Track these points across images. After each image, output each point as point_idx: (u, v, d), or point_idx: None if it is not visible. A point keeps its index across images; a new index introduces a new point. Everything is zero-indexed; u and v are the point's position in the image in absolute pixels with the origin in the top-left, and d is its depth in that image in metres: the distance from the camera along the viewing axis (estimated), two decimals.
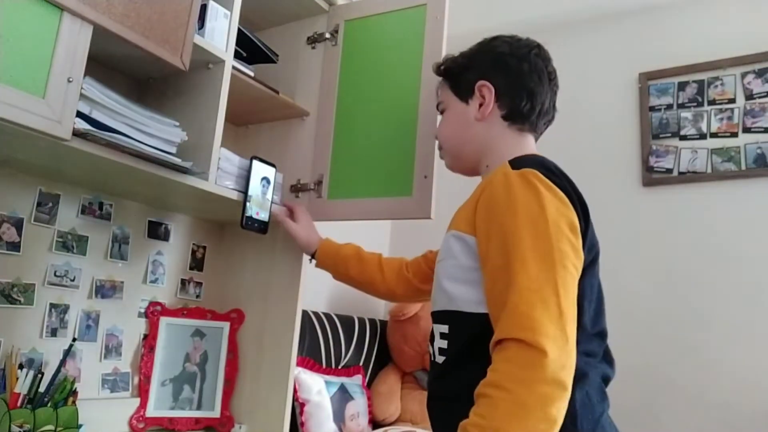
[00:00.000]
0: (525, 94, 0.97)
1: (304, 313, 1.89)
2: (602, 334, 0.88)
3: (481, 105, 0.99)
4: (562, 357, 0.72)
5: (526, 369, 0.71)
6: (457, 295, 0.87)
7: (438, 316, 0.92)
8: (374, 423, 2.09)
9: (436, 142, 1.14)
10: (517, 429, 0.69)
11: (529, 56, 0.99)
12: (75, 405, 1.07)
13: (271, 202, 1.28)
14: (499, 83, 0.98)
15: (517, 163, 0.87)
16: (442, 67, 1.08)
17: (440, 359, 0.89)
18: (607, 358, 0.89)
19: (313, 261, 1.29)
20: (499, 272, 0.79)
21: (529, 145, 1.00)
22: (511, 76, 0.98)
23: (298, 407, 1.74)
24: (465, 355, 0.85)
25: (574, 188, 0.86)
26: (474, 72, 1.01)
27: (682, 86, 2.26)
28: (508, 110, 0.98)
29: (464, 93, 1.02)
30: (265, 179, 1.27)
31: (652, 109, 2.29)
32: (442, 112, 1.07)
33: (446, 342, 0.88)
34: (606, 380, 0.87)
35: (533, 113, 0.98)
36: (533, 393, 0.70)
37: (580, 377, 0.79)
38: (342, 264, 1.25)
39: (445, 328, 0.89)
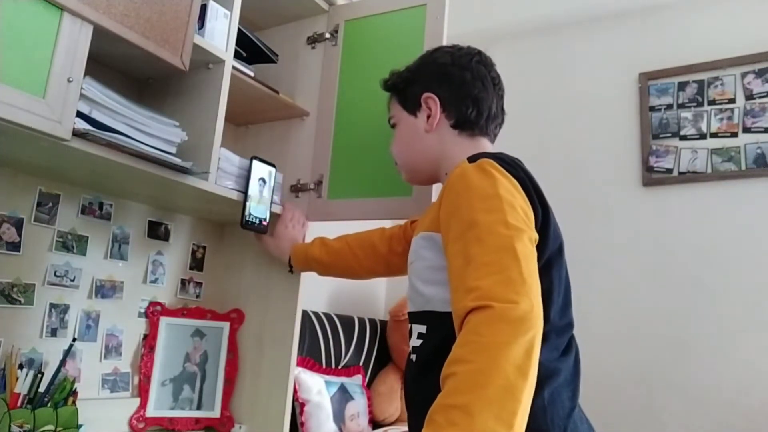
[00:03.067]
0: (470, 101, 0.99)
1: (304, 313, 1.89)
2: (571, 326, 0.88)
3: (428, 117, 1.01)
4: (528, 320, 0.68)
5: (490, 335, 0.67)
6: (431, 296, 0.88)
7: (415, 317, 0.92)
8: (374, 423, 2.09)
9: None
10: (483, 398, 0.64)
11: (470, 64, 1.00)
12: (75, 405, 1.07)
13: (271, 202, 1.28)
14: (443, 94, 1.00)
15: (474, 158, 0.88)
16: (388, 82, 1.09)
17: (416, 359, 0.90)
18: (576, 348, 0.88)
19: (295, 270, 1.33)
20: (457, 254, 0.78)
21: (485, 147, 1.00)
22: (454, 85, 0.99)
23: (298, 407, 1.74)
24: (441, 353, 0.84)
25: (530, 179, 0.86)
26: (418, 85, 1.02)
27: (682, 86, 2.26)
28: (456, 119, 0.99)
29: (411, 106, 1.03)
30: (265, 179, 1.27)
31: (652, 109, 2.29)
32: (393, 127, 1.09)
33: (421, 341, 0.89)
34: (575, 375, 0.86)
35: (481, 119, 0.99)
36: (500, 358, 0.66)
37: (550, 374, 0.79)
38: (316, 265, 1.28)
39: (423, 328, 0.89)
